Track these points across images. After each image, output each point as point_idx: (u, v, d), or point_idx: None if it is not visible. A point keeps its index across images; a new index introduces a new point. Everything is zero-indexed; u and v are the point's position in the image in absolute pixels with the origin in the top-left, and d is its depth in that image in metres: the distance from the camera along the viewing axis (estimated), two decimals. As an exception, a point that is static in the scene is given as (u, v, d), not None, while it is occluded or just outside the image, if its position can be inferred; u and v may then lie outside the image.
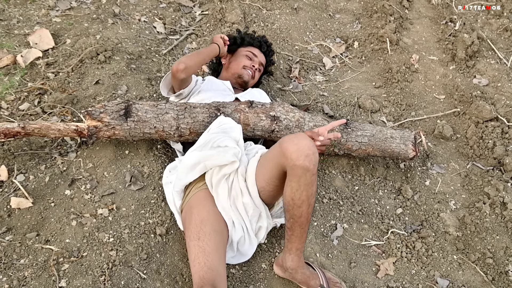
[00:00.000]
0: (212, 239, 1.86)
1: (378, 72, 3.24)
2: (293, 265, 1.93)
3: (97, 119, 2.16)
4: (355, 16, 3.71)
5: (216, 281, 1.74)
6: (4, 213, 2.12)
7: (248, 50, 2.76)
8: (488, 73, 3.09)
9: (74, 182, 2.26)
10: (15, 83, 2.71)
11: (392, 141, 2.42)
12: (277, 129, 2.31)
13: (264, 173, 1.97)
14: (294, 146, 1.76)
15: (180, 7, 3.63)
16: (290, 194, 1.81)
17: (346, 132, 2.38)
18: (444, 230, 2.35)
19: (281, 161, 1.81)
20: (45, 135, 2.21)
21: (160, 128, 2.21)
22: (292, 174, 1.78)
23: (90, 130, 2.17)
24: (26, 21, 3.18)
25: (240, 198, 2.01)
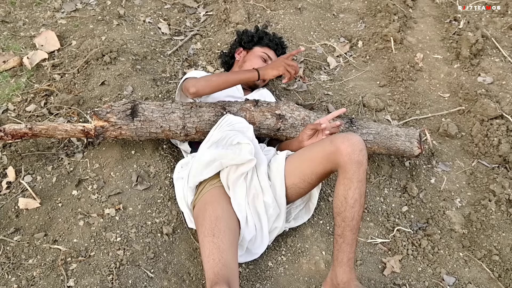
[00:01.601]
0: (227, 236, 1.85)
1: (382, 71, 3.24)
2: (346, 278, 1.82)
3: (104, 119, 2.17)
4: (359, 15, 3.71)
5: (230, 278, 1.73)
6: (12, 213, 2.13)
7: (263, 52, 2.67)
8: (492, 71, 3.09)
9: (81, 182, 2.28)
10: (22, 84, 2.73)
11: (398, 139, 2.41)
12: (282, 127, 2.32)
13: (303, 169, 1.99)
14: (348, 142, 1.81)
15: (184, 8, 3.65)
16: (343, 192, 1.82)
17: (352, 130, 2.38)
18: (450, 227, 2.36)
19: (333, 157, 1.84)
20: (52, 136, 2.22)
21: (167, 127, 2.22)
22: (346, 170, 1.80)
23: (97, 130, 2.18)
24: (32, 23, 3.21)
25: (261, 196, 2.00)
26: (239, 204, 1.98)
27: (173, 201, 2.27)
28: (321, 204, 2.38)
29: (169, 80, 2.94)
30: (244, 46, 2.73)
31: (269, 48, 2.70)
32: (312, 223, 2.30)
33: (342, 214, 1.83)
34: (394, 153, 2.45)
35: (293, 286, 2.06)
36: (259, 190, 2.01)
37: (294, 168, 2.03)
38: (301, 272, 2.11)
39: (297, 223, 2.25)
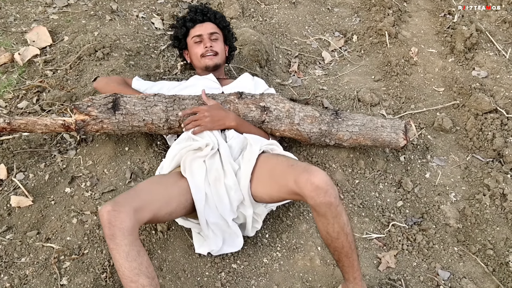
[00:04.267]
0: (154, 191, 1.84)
1: (377, 66, 3.23)
2: None
3: (85, 112, 2.12)
4: (353, 9, 3.70)
5: (141, 204, 1.70)
6: (4, 211, 2.12)
7: (191, 37, 2.57)
8: (487, 65, 3.09)
9: (74, 179, 2.26)
10: (13, 81, 2.70)
11: (383, 130, 2.40)
12: (267, 119, 2.29)
13: (270, 191, 1.93)
14: (311, 185, 1.69)
15: (178, 2, 3.62)
16: (323, 229, 1.79)
17: (337, 122, 2.36)
18: (445, 222, 2.36)
19: (299, 197, 1.79)
20: (32, 130, 2.17)
21: (149, 120, 2.18)
22: (317, 211, 1.75)
23: (78, 124, 2.13)
24: (23, 18, 3.18)
25: (222, 179, 1.98)
26: (197, 185, 1.94)
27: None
28: (316, 200, 2.38)
29: (163, 76, 2.92)
30: (181, 48, 2.69)
31: (193, 28, 2.59)
32: (307, 218, 2.29)
33: (332, 246, 1.82)
34: (380, 144, 2.44)
35: (288, 282, 2.06)
36: (221, 172, 1.99)
37: (262, 186, 1.96)
38: (296, 268, 2.11)
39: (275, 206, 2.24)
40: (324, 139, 2.39)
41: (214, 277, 2.05)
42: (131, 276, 1.55)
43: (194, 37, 2.55)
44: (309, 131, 2.32)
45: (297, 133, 2.33)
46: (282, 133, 2.34)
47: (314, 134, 2.34)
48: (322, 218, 1.75)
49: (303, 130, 2.31)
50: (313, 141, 2.38)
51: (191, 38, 2.57)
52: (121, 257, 1.55)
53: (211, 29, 2.57)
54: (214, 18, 2.62)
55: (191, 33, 2.58)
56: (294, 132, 2.33)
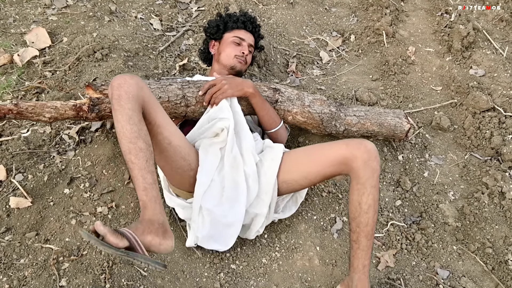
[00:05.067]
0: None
1: (375, 65, 3.24)
2: (360, 286, 1.83)
3: (99, 90, 2.06)
4: (351, 9, 3.70)
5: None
6: (3, 213, 2.12)
7: (234, 36, 2.56)
8: (484, 63, 3.09)
9: (73, 180, 2.26)
10: (13, 82, 2.70)
11: (387, 115, 2.50)
12: (280, 99, 2.33)
13: (308, 168, 2.00)
14: (365, 148, 1.83)
15: (176, 3, 3.63)
16: (357, 198, 1.84)
17: (343, 108, 2.45)
18: (444, 221, 2.36)
19: (347, 161, 1.86)
20: (40, 114, 2.05)
21: (165, 98, 2.12)
22: (360, 176, 1.82)
23: (93, 101, 2.04)
24: (23, 20, 3.18)
25: (242, 166, 2.02)
26: (206, 168, 1.98)
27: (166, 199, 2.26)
28: (315, 200, 2.38)
29: (162, 76, 2.92)
30: (214, 38, 2.65)
31: (238, 29, 2.60)
32: (306, 218, 2.30)
33: (357, 220, 1.85)
34: (386, 130, 2.48)
35: (287, 282, 2.06)
36: (240, 161, 2.01)
37: (298, 165, 2.05)
38: (295, 268, 2.11)
39: (285, 215, 2.25)
40: (334, 123, 2.41)
41: (213, 277, 2.05)
42: (131, 137, 1.62)
43: (236, 37, 2.55)
44: (321, 112, 2.37)
45: (309, 115, 2.37)
46: (294, 116, 2.37)
47: (326, 115, 2.38)
48: (360, 186, 1.83)
49: (314, 111, 2.36)
50: (324, 124, 2.40)
51: (232, 36, 2.56)
52: (123, 119, 1.63)
53: (252, 41, 2.61)
54: (257, 36, 2.69)
55: (235, 32, 2.57)
56: (306, 114, 2.36)
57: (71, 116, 2.07)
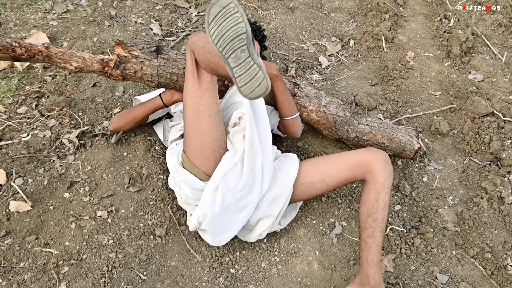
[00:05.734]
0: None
1: (374, 70, 3.25)
2: (377, 277, 1.90)
3: (128, 50, 2.08)
4: (350, 14, 3.72)
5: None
6: (3, 216, 2.12)
7: None
8: (483, 68, 3.10)
9: (73, 184, 2.27)
10: (13, 86, 2.71)
11: (399, 131, 2.52)
12: (298, 93, 2.38)
13: (327, 171, 2.11)
14: (383, 153, 2.03)
15: (176, 8, 3.64)
16: (375, 196, 1.98)
17: (358, 115, 2.50)
18: (443, 225, 2.36)
19: (367, 163, 2.02)
20: (68, 61, 2.07)
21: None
22: (379, 176, 1.99)
23: (120, 58, 2.07)
24: (23, 24, 3.19)
25: (260, 156, 2.06)
26: (233, 153, 2.04)
27: (165, 202, 2.27)
28: (314, 204, 2.39)
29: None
30: None
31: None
32: (305, 223, 2.30)
33: (373, 216, 1.97)
34: (395, 145, 2.49)
35: (287, 286, 2.06)
36: (258, 149, 2.04)
37: (316, 168, 2.15)
38: (295, 272, 2.11)
39: (286, 222, 2.26)
40: (346, 128, 2.45)
41: (212, 282, 2.05)
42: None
43: None
44: (335, 114, 2.42)
45: (324, 115, 2.41)
46: (310, 113, 2.40)
47: (340, 118, 2.42)
48: (379, 186, 1.98)
49: (329, 112, 2.41)
50: (337, 126, 2.43)
51: None
52: None
53: (259, 50, 2.62)
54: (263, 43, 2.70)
55: None
56: (321, 114, 2.40)
57: (96, 70, 2.11)
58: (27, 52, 1.99)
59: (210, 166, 2.02)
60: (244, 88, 1.54)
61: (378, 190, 1.98)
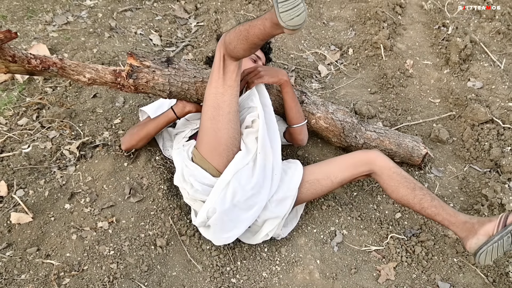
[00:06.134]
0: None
1: (373, 78, 3.26)
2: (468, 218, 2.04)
3: (140, 60, 2.12)
4: (349, 23, 3.73)
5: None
6: (4, 228, 2.12)
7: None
8: (482, 75, 3.11)
9: (74, 195, 2.27)
10: (14, 98, 2.72)
11: (405, 137, 2.57)
12: (306, 101, 2.43)
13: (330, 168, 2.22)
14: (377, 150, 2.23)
15: (175, 19, 3.66)
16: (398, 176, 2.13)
17: (364, 124, 2.54)
18: (443, 233, 2.36)
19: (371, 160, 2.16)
20: (81, 73, 2.10)
21: (200, 78, 2.20)
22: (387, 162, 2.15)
23: (133, 67, 2.11)
24: (24, 36, 3.21)
25: (271, 157, 2.10)
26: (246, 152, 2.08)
27: (166, 212, 2.27)
28: (315, 213, 2.39)
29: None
30: None
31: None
32: (306, 232, 2.30)
33: (415, 186, 2.12)
34: (403, 151, 2.53)
35: (288, 295, 2.06)
36: (269, 151, 2.10)
37: (320, 167, 2.25)
38: (296, 282, 2.11)
39: (287, 231, 2.27)
40: (355, 134, 2.49)
41: (213, 291, 2.05)
42: None
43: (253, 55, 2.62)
44: (343, 120, 2.46)
45: (332, 122, 2.44)
46: (318, 120, 2.44)
47: (348, 124, 2.46)
48: (393, 168, 2.13)
49: (337, 118, 2.45)
50: (346, 132, 2.46)
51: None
52: None
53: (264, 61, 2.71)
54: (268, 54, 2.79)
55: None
56: (328, 120, 2.44)
57: (109, 81, 2.15)
58: (42, 63, 2.02)
59: (222, 162, 2.05)
60: (284, 14, 1.60)
61: (396, 171, 2.12)
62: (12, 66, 1.97)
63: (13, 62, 1.95)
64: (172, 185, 2.40)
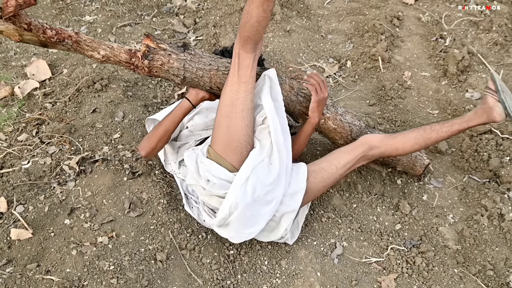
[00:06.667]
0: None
1: (371, 90, 3.27)
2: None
3: (156, 42, 2.11)
4: (347, 36, 3.76)
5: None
6: (4, 245, 2.12)
7: None
8: (480, 86, 3.13)
9: (74, 211, 2.28)
10: (13, 114, 2.74)
11: None
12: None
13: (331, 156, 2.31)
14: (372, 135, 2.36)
15: (174, 33, 3.68)
16: (400, 136, 2.33)
17: (370, 129, 2.57)
18: (444, 244, 2.36)
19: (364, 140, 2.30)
20: (95, 49, 2.07)
21: (215, 66, 2.18)
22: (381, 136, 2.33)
23: (149, 48, 2.08)
24: (23, 52, 3.23)
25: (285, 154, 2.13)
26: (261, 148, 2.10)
27: (166, 226, 2.27)
28: (315, 225, 2.39)
29: (161, 106, 2.95)
30: None
31: None
32: (306, 244, 2.30)
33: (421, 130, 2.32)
34: (407, 159, 2.56)
35: (288, 308, 2.06)
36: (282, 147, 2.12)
37: (322, 158, 2.33)
38: (296, 294, 2.11)
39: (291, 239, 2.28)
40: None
41: (214, 305, 2.05)
42: None
43: None
44: (351, 123, 2.47)
45: (340, 123, 2.45)
46: (327, 120, 2.43)
47: (355, 127, 2.47)
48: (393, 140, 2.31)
49: (345, 120, 2.46)
50: (353, 135, 2.47)
51: None
52: None
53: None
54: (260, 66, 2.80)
55: None
56: (337, 122, 2.44)
57: (123, 60, 2.12)
58: (57, 35, 1.97)
59: (237, 159, 2.06)
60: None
61: (392, 134, 2.33)
62: (26, 34, 1.92)
63: (28, 31, 1.91)
64: (171, 199, 2.40)
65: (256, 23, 1.90)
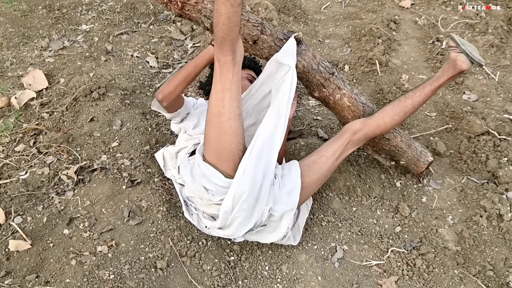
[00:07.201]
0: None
1: (369, 94, 3.27)
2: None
3: None
4: (344, 40, 3.77)
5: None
6: (3, 256, 2.12)
7: (247, 73, 2.69)
8: (477, 88, 3.13)
9: (72, 220, 2.27)
10: (10, 125, 2.74)
11: (416, 141, 2.60)
12: (336, 74, 2.39)
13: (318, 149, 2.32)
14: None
15: (172, 40, 3.69)
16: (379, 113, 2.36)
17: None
18: (443, 245, 2.36)
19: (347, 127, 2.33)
20: None
21: (246, 18, 2.11)
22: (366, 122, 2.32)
23: None
24: (20, 63, 3.24)
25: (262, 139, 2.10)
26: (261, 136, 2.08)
27: (166, 234, 2.26)
28: (315, 229, 2.38)
29: (158, 113, 2.95)
30: None
31: (250, 69, 2.74)
32: (306, 248, 2.29)
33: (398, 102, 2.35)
34: (412, 153, 2.55)
35: (290, 314, 2.05)
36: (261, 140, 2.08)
37: (310, 154, 2.32)
38: (297, 299, 2.10)
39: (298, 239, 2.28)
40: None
41: (215, 312, 2.04)
42: None
43: (249, 75, 2.69)
44: (365, 104, 2.45)
45: (355, 102, 2.42)
46: (342, 96, 2.40)
47: (368, 108, 2.45)
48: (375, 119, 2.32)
49: (360, 100, 2.43)
50: (365, 116, 2.44)
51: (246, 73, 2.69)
52: None
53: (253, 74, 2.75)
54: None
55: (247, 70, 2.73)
56: (352, 100, 2.41)
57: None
58: None
59: (230, 167, 2.04)
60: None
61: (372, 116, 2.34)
62: None
63: None
64: (171, 207, 2.40)
65: (227, 20, 1.83)
